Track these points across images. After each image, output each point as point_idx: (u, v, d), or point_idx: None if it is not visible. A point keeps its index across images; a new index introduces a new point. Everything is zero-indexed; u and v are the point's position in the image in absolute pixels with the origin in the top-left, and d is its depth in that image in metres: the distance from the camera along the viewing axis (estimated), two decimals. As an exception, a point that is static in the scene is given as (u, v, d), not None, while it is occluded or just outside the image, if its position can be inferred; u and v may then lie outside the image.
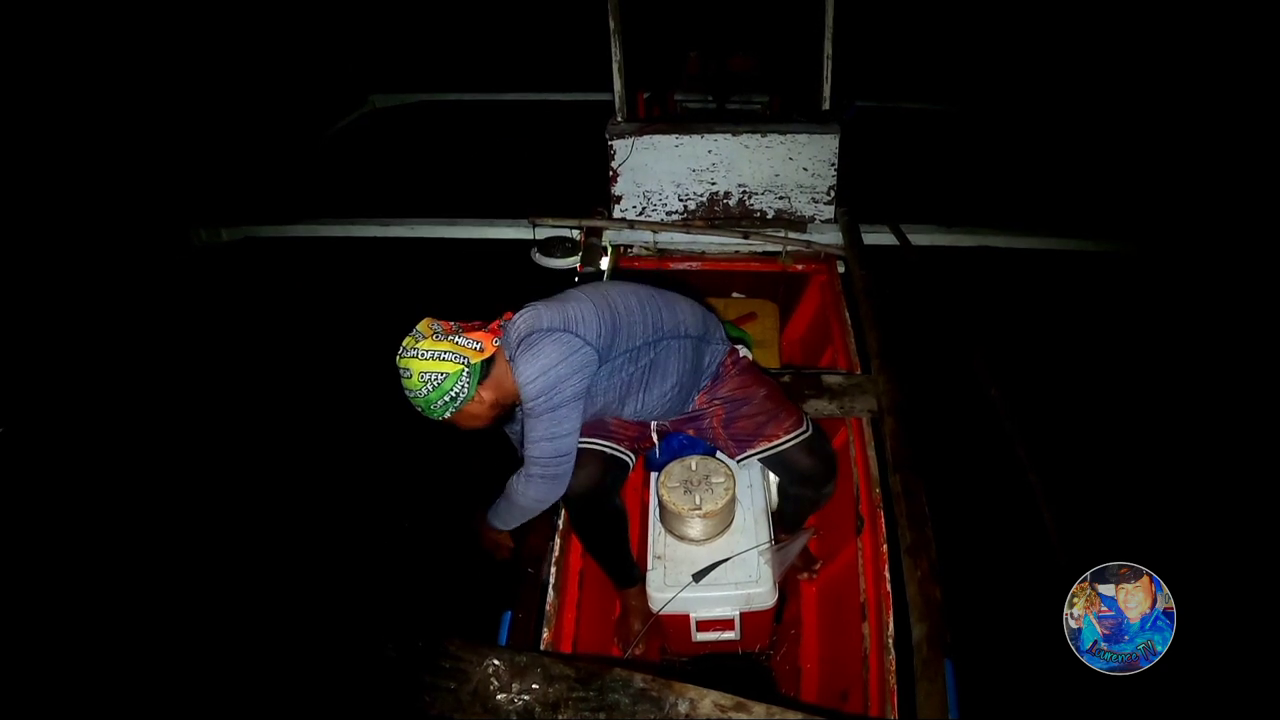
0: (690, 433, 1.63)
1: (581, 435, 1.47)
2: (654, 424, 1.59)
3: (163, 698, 1.91)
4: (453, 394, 1.29)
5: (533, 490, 1.39)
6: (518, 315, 1.39)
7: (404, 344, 1.31)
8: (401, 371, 1.30)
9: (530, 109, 5.14)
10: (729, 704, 1.06)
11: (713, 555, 1.61)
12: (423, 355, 1.28)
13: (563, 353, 1.31)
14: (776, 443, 1.51)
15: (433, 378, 1.28)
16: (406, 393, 1.31)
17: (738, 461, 1.57)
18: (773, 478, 1.81)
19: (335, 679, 1.87)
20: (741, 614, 1.62)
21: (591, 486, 1.44)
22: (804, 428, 1.52)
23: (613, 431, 1.53)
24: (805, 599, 1.88)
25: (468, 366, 1.29)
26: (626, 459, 1.53)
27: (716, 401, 1.56)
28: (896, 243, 2.77)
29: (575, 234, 2.68)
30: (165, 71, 5.11)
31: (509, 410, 1.42)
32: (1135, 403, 2.75)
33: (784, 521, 1.75)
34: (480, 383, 1.31)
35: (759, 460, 1.54)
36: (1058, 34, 6.33)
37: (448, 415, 1.32)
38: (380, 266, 3.49)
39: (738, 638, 1.68)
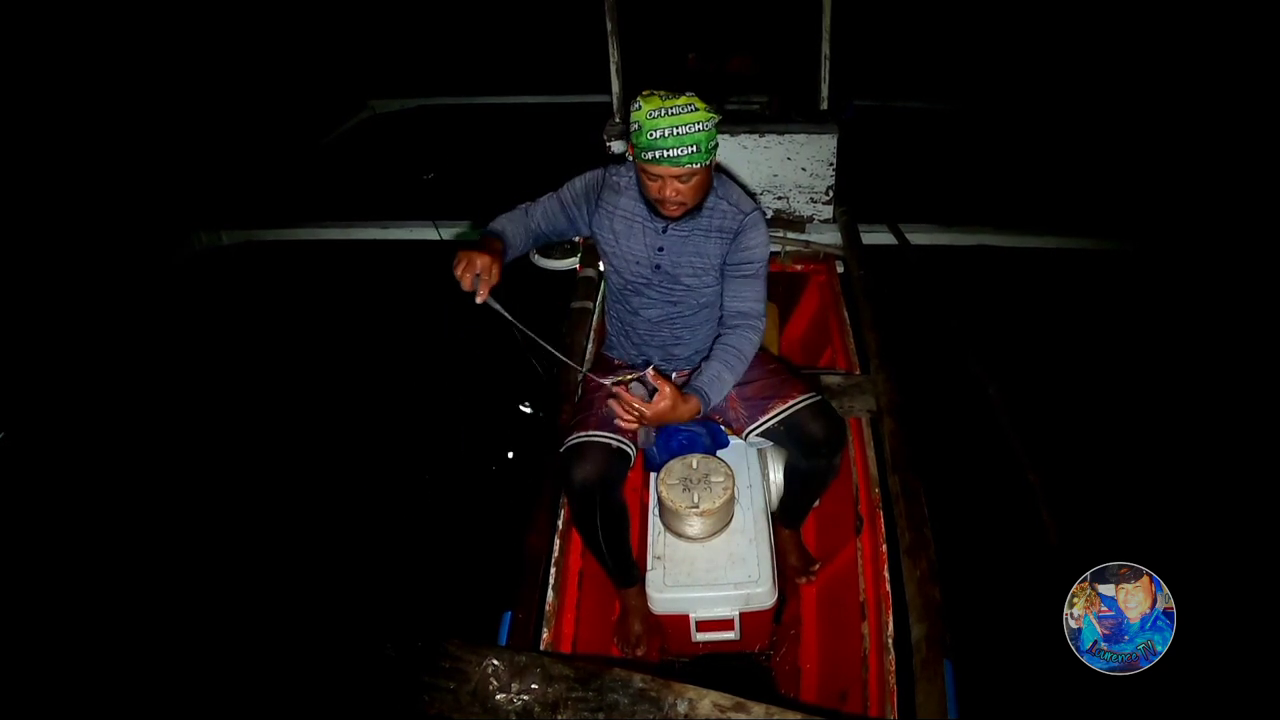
0: None
1: (586, 427, 1.49)
2: None
3: (164, 698, 1.91)
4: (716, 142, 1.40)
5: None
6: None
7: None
8: (685, 106, 1.34)
9: (528, 112, 5.16)
10: (728, 704, 1.06)
11: (712, 554, 1.62)
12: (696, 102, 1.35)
13: None
14: (791, 403, 1.52)
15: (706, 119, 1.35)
16: (686, 127, 1.33)
17: (748, 438, 1.57)
18: (773, 475, 1.81)
19: (335, 679, 1.87)
20: (741, 614, 1.62)
21: (596, 478, 1.44)
22: (815, 393, 1.55)
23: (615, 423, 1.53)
24: (805, 599, 1.87)
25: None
26: (629, 450, 1.53)
27: None
28: (895, 242, 2.78)
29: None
30: (167, 76, 5.14)
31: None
32: (1135, 402, 2.74)
33: (788, 512, 1.76)
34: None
35: (771, 428, 1.53)
36: (1055, 32, 6.33)
37: (708, 162, 1.40)
38: (380, 269, 3.50)
39: (737, 638, 1.68)
